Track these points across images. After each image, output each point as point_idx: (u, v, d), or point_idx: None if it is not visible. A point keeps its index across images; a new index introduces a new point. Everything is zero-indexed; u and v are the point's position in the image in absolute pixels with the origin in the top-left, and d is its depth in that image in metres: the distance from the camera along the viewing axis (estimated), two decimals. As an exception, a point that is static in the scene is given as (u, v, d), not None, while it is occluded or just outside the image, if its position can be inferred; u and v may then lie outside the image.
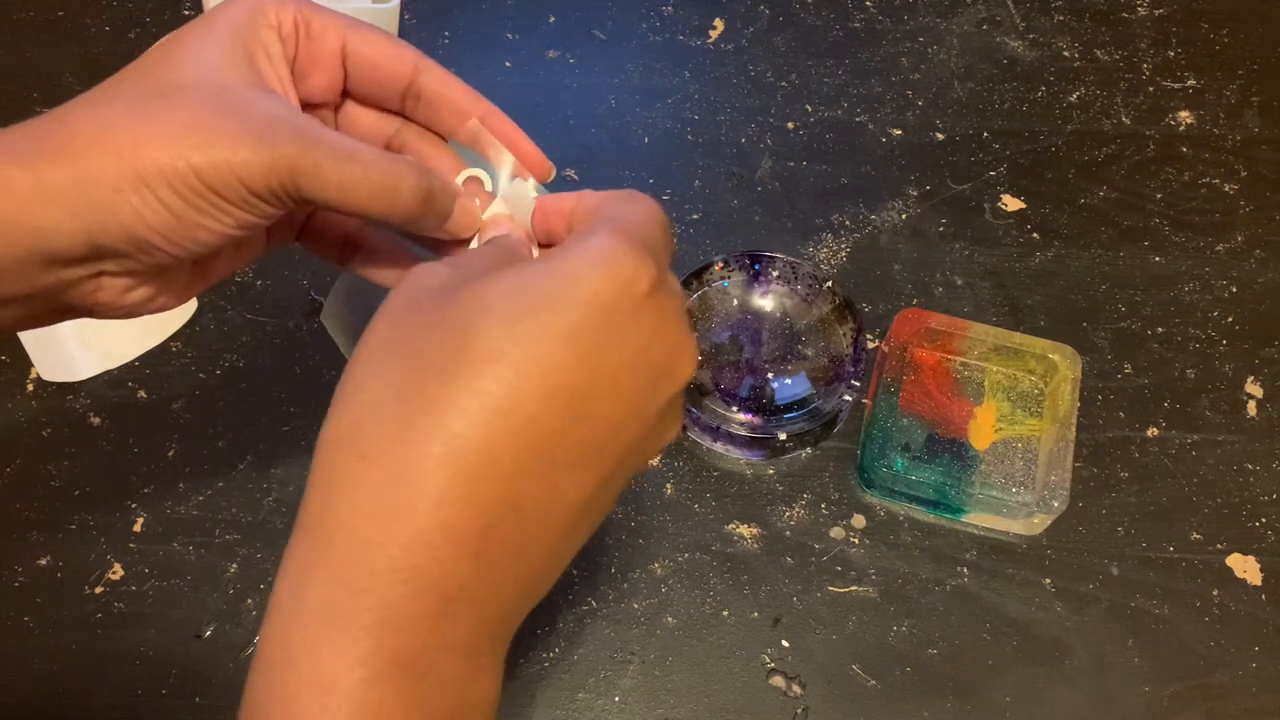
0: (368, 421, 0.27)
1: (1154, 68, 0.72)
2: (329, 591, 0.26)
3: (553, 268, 0.28)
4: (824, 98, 0.70)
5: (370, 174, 0.32)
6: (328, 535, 0.26)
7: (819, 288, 0.59)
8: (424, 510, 0.26)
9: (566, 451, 0.27)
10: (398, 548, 0.25)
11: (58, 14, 0.73)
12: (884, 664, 0.52)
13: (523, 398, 0.26)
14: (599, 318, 0.27)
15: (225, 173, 0.30)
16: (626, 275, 0.28)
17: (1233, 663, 0.52)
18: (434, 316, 0.27)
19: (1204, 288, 0.63)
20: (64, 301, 0.33)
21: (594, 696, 0.51)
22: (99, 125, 0.31)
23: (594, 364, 0.27)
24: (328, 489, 0.27)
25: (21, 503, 0.55)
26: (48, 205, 0.30)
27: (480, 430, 0.26)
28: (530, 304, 0.27)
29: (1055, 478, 0.54)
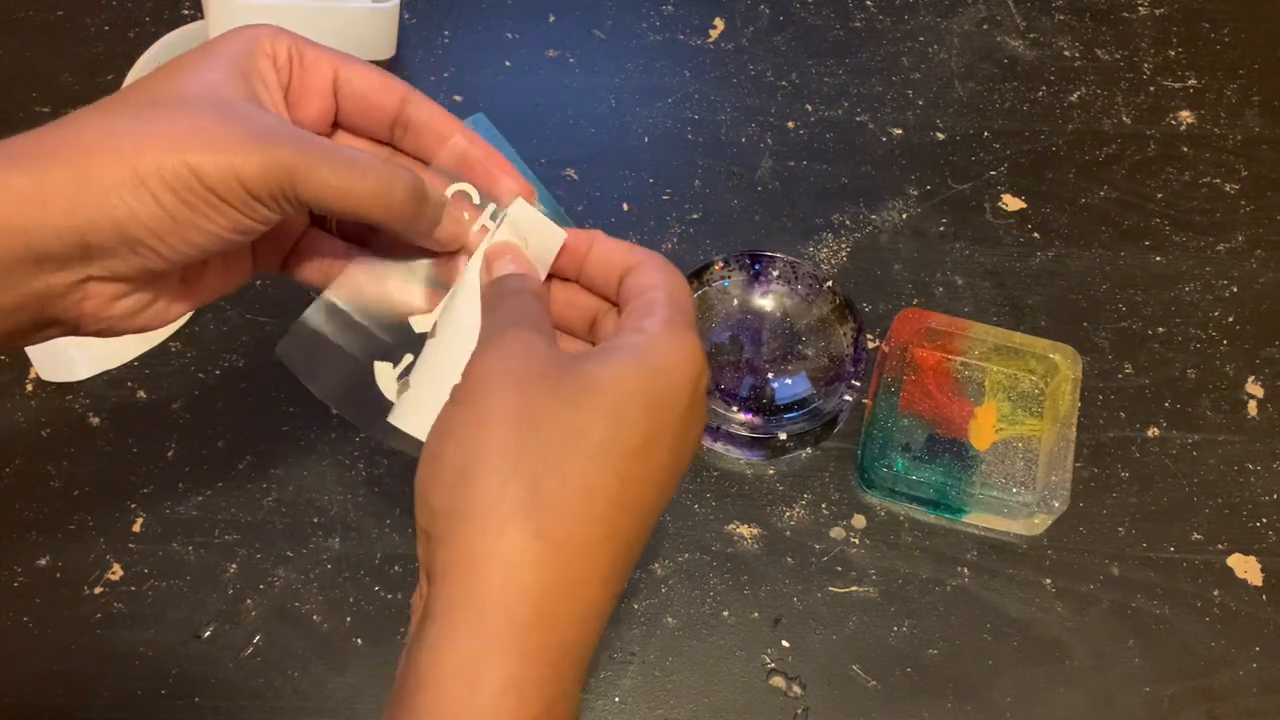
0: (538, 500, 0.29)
1: (1155, 67, 0.72)
2: (516, 667, 0.28)
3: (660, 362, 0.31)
4: (824, 97, 0.70)
5: (366, 174, 0.33)
6: (507, 611, 0.28)
7: (819, 288, 0.59)
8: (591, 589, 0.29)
9: (653, 518, 0.32)
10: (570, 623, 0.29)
11: (58, 14, 0.73)
12: (884, 664, 0.52)
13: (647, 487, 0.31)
14: (687, 412, 0.32)
15: (225, 173, 0.31)
16: (699, 372, 0.32)
17: (1233, 663, 0.52)
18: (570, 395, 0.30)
19: (1205, 288, 0.63)
20: (50, 313, 0.33)
21: (594, 697, 0.51)
22: (100, 129, 0.31)
23: (681, 451, 0.32)
24: (508, 566, 0.28)
25: (21, 503, 0.55)
26: (42, 206, 0.30)
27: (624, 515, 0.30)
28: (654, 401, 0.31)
29: (1056, 478, 0.54)
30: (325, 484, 0.56)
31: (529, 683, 0.27)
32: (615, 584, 0.30)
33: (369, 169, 0.33)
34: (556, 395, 0.30)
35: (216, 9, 0.61)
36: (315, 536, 0.54)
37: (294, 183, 0.32)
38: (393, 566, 0.54)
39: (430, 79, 0.70)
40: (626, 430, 0.30)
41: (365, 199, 0.33)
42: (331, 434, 0.57)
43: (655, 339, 0.32)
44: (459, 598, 0.28)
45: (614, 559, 0.30)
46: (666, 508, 0.34)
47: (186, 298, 0.36)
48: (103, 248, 0.31)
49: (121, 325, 0.35)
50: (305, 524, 0.55)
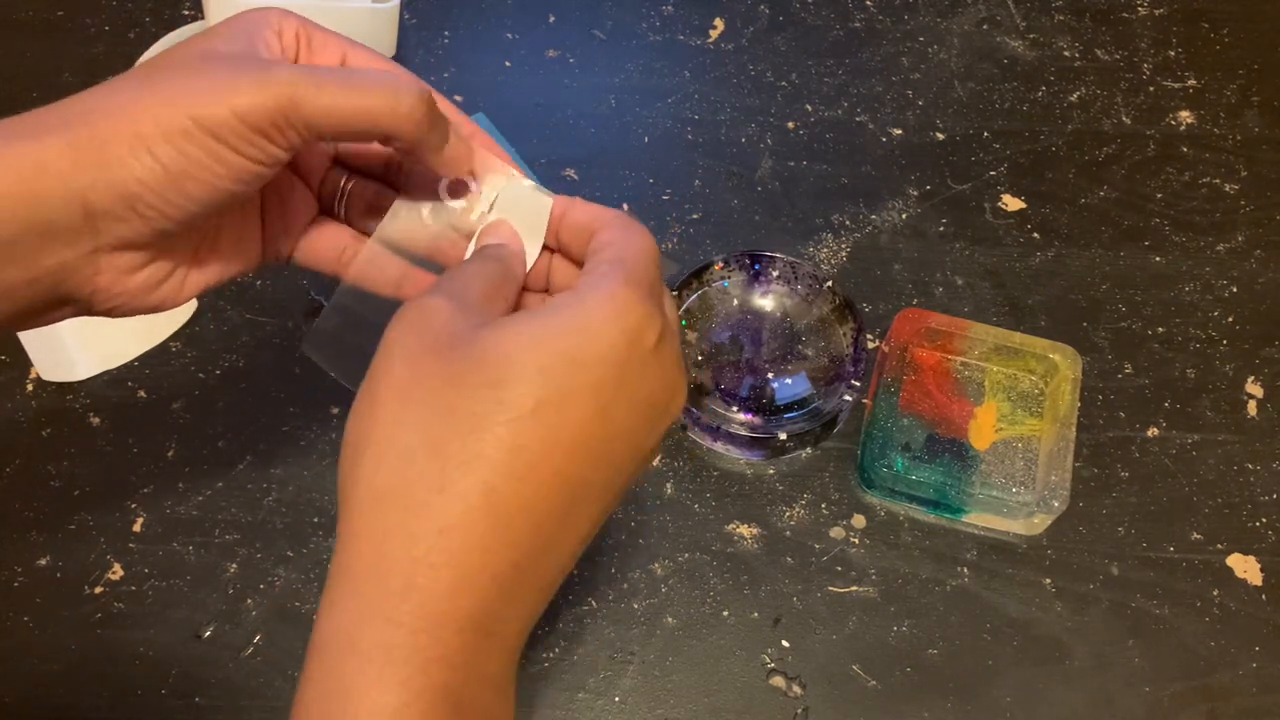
0: (409, 475, 0.29)
1: (1154, 67, 0.72)
2: (385, 632, 0.28)
3: (570, 321, 0.30)
4: (824, 97, 0.70)
5: (372, 86, 0.32)
6: (382, 581, 0.28)
7: (819, 288, 0.59)
8: (469, 557, 0.28)
9: (584, 492, 0.30)
10: (448, 590, 0.28)
11: (57, 14, 0.73)
12: (884, 664, 0.52)
13: (551, 451, 0.29)
14: (616, 372, 0.30)
15: (223, 111, 0.31)
16: (638, 329, 0.30)
17: (1233, 663, 0.52)
18: (458, 366, 0.29)
19: (1204, 288, 0.63)
20: (63, 290, 0.33)
21: (594, 696, 0.51)
22: (96, 97, 0.32)
23: (611, 415, 0.30)
24: (376, 538, 0.29)
25: (21, 503, 0.55)
26: (42, 172, 0.30)
27: (515, 483, 0.29)
28: (554, 362, 0.29)
29: (1055, 478, 0.54)
30: (325, 484, 0.56)
31: (397, 646, 0.27)
32: (513, 553, 0.29)
33: (374, 80, 0.33)
34: (441, 368, 0.29)
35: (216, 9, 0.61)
36: (315, 536, 0.54)
37: (298, 106, 0.31)
38: (393, 566, 0.53)
39: (430, 79, 0.70)
40: (513, 397, 0.29)
41: (375, 109, 0.32)
42: (332, 434, 0.57)
43: (576, 296, 0.31)
44: (340, 568, 0.29)
45: (506, 527, 0.29)
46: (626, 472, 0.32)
47: (200, 274, 0.36)
48: (105, 211, 0.31)
49: (136, 303, 0.35)
50: (305, 524, 0.55)
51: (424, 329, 0.31)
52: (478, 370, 0.29)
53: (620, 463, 0.31)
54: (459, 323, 0.31)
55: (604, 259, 0.33)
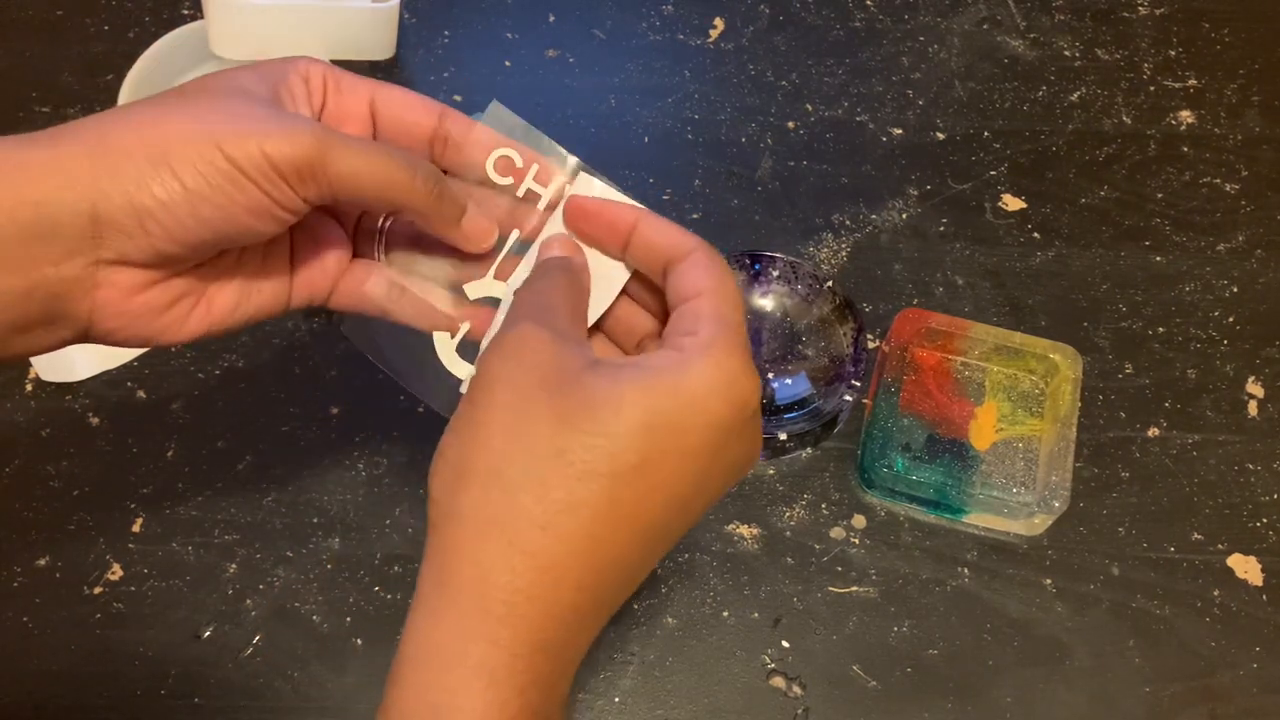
0: (514, 510, 0.30)
1: (1155, 67, 0.72)
2: (490, 654, 0.29)
3: (681, 386, 0.31)
4: (824, 97, 0.70)
5: (389, 157, 0.34)
6: (483, 604, 0.30)
7: (819, 288, 0.59)
8: (564, 596, 0.30)
9: (665, 539, 0.33)
10: (545, 623, 0.30)
11: (57, 14, 0.73)
12: (884, 664, 0.52)
13: (647, 507, 0.31)
14: (717, 439, 0.32)
15: (252, 148, 0.31)
16: (744, 401, 0.32)
17: (1234, 663, 0.52)
18: (567, 408, 0.30)
19: (1205, 287, 0.63)
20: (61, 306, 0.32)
21: (594, 697, 0.51)
22: (124, 114, 0.32)
23: (703, 476, 0.32)
24: (478, 563, 0.30)
25: (21, 503, 0.55)
26: (55, 174, 0.31)
27: (611, 532, 0.30)
28: (661, 424, 0.30)
29: (1056, 478, 0.54)
30: (325, 484, 0.56)
31: (499, 668, 0.29)
32: (599, 592, 0.31)
33: (392, 153, 0.34)
34: (551, 408, 0.30)
35: (216, 9, 0.61)
36: (315, 536, 0.54)
37: (322, 161, 0.32)
38: (393, 566, 0.54)
39: (430, 79, 0.70)
40: (619, 450, 0.30)
41: (388, 179, 0.34)
42: (331, 434, 0.57)
43: (686, 362, 0.31)
44: (436, 587, 0.31)
45: (598, 570, 0.30)
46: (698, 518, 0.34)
47: (208, 311, 0.36)
48: (113, 221, 0.31)
49: (135, 327, 0.34)
50: (305, 524, 0.55)
51: (529, 362, 0.31)
52: (587, 418, 0.30)
53: (698, 512, 0.33)
54: (563, 357, 0.32)
55: (706, 312, 0.33)
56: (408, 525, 0.55)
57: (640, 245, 0.36)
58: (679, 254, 0.35)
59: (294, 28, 0.63)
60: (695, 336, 0.32)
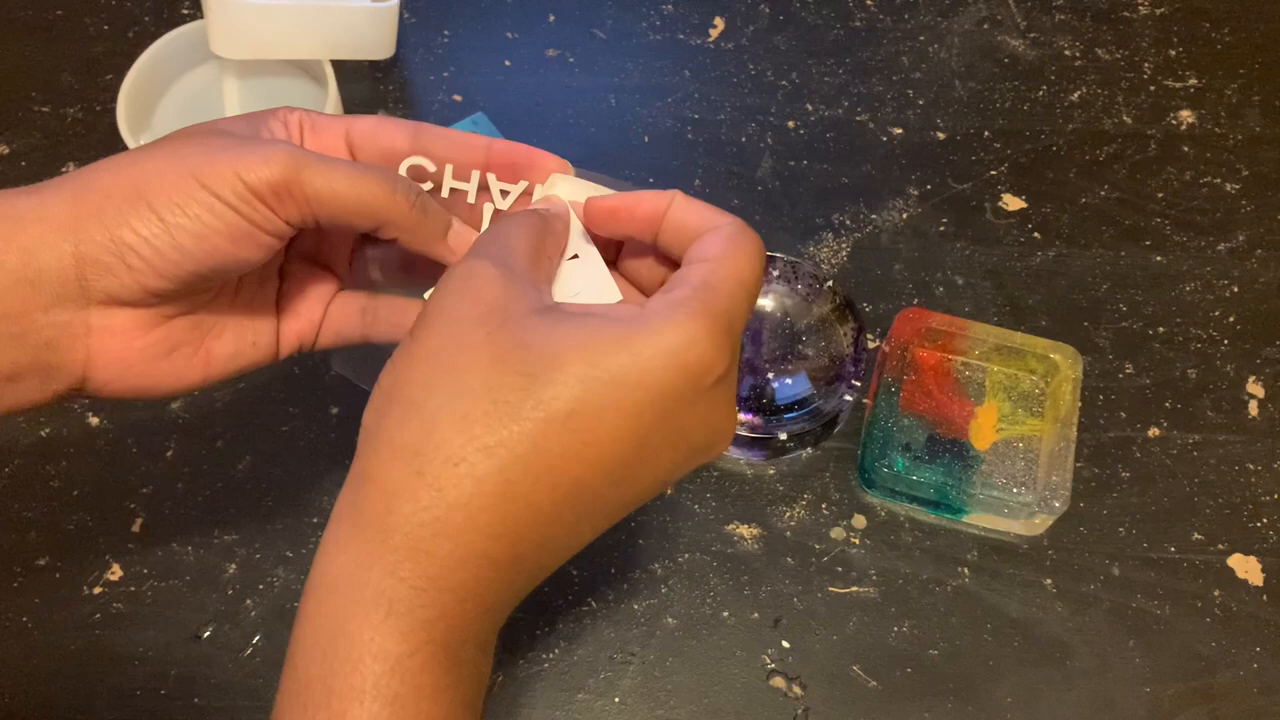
0: (430, 442, 0.29)
1: (1155, 67, 0.72)
2: (389, 585, 0.28)
3: (628, 340, 0.29)
4: (824, 97, 0.70)
5: (368, 175, 0.34)
6: (386, 534, 0.29)
7: (819, 287, 0.59)
8: (473, 540, 0.29)
9: (598, 506, 0.30)
10: (450, 562, 0.29)
11: (57, 14, 0.73)
12: (885, 665, 0.52)
13: (573, 462, 0.29)
14: (661, 403, 0.29)
15: (227, 173, 0.31)
16: (697, 368, 0.29)
17: (1234, 663, 0.52)
18: (502, 347, 0.29)
19: (1205, 287, 0.63)
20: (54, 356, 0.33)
21: (594, 697, 0.51)
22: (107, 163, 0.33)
23: (644, 442, 0.30)
24: (387, 494, 0.29)
25: (20, 503, 0.55)
26: (39, 221, 0.31)
27: (531, 482, 0.29)
28: (598, 375, 0.28)
29: (1056, 478, 0.54)
30: (325, 484, 0.56)
31: (399, 600, 0.28)
32: (516, 545, 0.29)
33: (369, 170, 0.34)
34: (487, 344, 0.29)
35: (216, 9, 0.61)
36: (315, 536, 0.54)
37: (300, 180, 0.32)
38: (392, 567, 0.53)
39: (430, 79, 0.70)
40: (548, 397, 0.28)
41: (368, 195, 0.33)
42: (331, 434, 0.57)
43: (644, 317, 0.29)
44: (347, 510, 0.30)
45: (513, 519, 0.29)
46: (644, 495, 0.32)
47: (207, 358, 0.36)
48: (94, 260, 0.32)
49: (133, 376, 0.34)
50: (305, 524, 0.55)
51: (474, 297, 0.30)
52: (521, 359, 0.29)
53: (641, 487, 0.31)
54: (511, 297, 0.30)
55: (693, 276, 0.31)
56: (408, 525, 0.55)
57: (671, 230, 0.34)
58: (709, 228, 0.33)
59: (294, 28, 0.63)
60: (667, 295, 0.30)
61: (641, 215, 0.35)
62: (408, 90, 0.70)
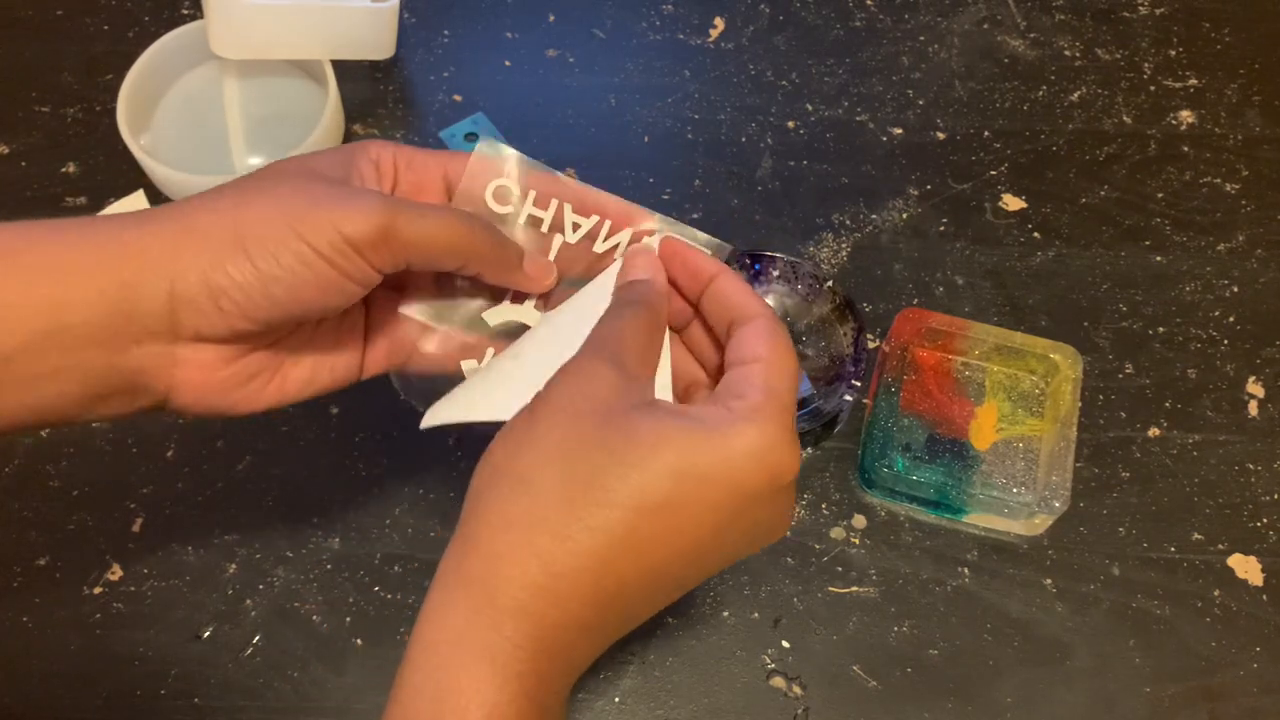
0: (537, 516, 0.31)
1: (1155, 67, 0.72)
2: (493, 640, 0.31)
3: (719, 444, 0.32)
4: (824, 97, 0.70)
5: (452, 221, 0.36)
6: (491, 595, 0.31)
7: (819, 287, 0.59)
8: (571, 608, 0.31)
9: (673, 584, 0.34)
10: (547, 624, 0.31)
11: (57, 14, 0.73)
12: (885, 664, 0.52)
13: (660, 547, 0.32)
14: (742, 501, 0.33)
15: (326, 227, 0.33)
16: (777, 472, 0.33)
17: (1234, 663, 0.52)
18: (610, 437, 0.32)
19: (1205, 287, 0.63)
20: (142, 381, 0.34)
21: (594, 697, 0.51)
22: (206, 199, 0.35)
23: (722, 533, 0.33)
24: (494, 558, 0.32)
25: (20, 503, 0.55)
26: (140, 255, 0.33)
27: (623, 561, 0.32)
28: (690, 472, 0.32)
29: (1056, 478, 0.54)
30: (325, 484, 0.56)
31: (500, 654, 0.31)
32: (602, 613, 0.32)
33: (453, 216, 0.36)
34: (596, 433, 0.32)
35: (216, 9, 0.61)
36: (314, 537, 0.54)
37: (395, 230, 0.34)
38: (393, 566, 0.54)
39: (430, 79, 0.70)
40: (646, 485, 0.31)
41: (456, 241, 0.36)
42: (331, 434, 0.57)
43: (730, 422, 0.32)
44: (452, 570, 0.32)
45: (605, 592, 0.32)
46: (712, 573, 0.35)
47: (282, 384, 0.38)
48: (189, 300, 0.33)
49: (211, 401, 0.36)
50: (304, 524, 0.55)
51: (587, 391, 0.33)
52: (625, 448, 0.32)
53: (712, 568, 0.35)
54: (620, 395, 0.33)
55: (758, 379, 0.34)
56: (407, 525, 0.55)
57: (713, 298, 0.38)
58: (745, 316, 0.36)
59: (294, 28, 0.63)
60: (744, 400, 0.33)
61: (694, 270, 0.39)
62: (408, 90, 0.70)
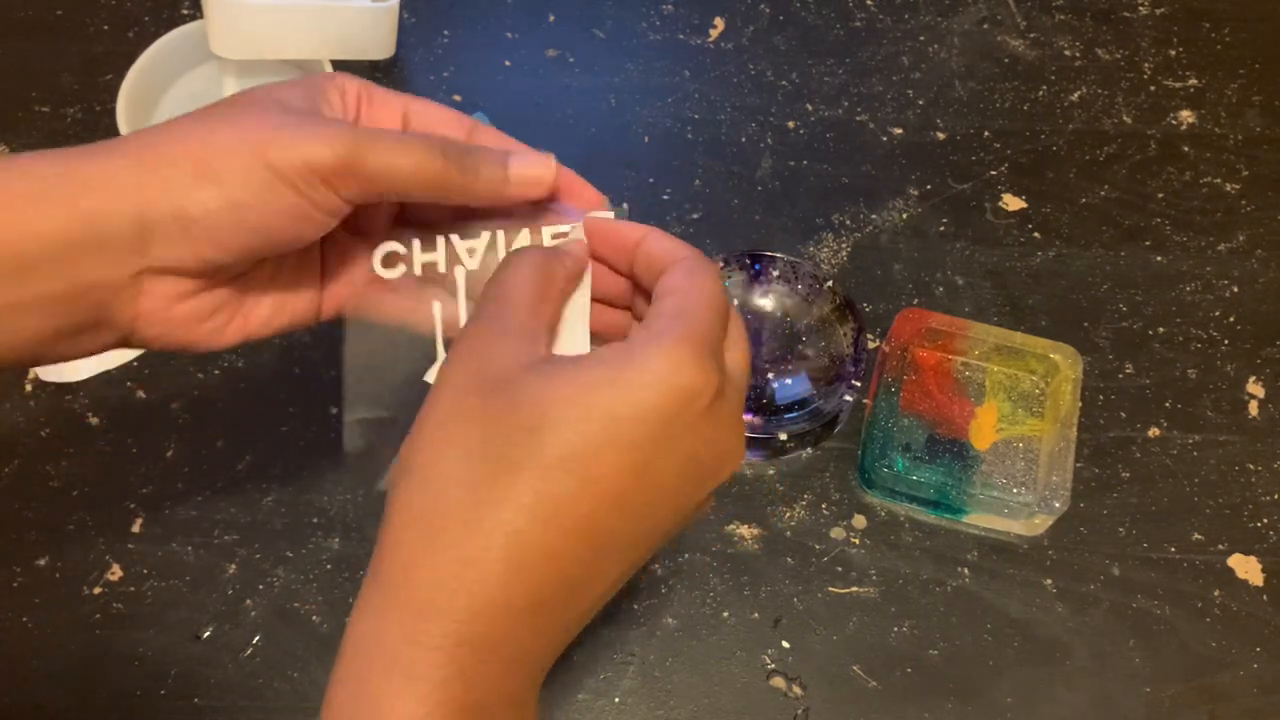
0: (440, 505, 0.30)
1: (1155, 67, 0.72)
2: (404, 646, 0.29)
3: (617, 376, 0.30)
4: (824, 97, 0.70)
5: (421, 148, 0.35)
6: (404, 598, 0.30)
7: (819, 287, 0.59)
8: (487, 590, 0.29)
9: (613, 541, 0.31)
10: (465, 617, 0.29)
11: (57, 14, 0.73)
12: (885, 665, 0.52)
13: (579, 501, 0.30)
14: (657, 430, 0.30)
15: (292, 155, 0.32)
16: (688, 391, 0.30)
17: (1234, 663, 0.52)
18: (497, 406, 0.30)
19: (1205, 287, 0.63)
20: (104, 313, 0.33)
21: (594, 697, 0.51)
22: (168, 128, 0.34)
23: (648, 471, 0.30)
24: (403, 559, 0.30)
25: (20, 503, 0.55)
26: (104, 186, 0.32)
27: (540, 527, 0.29)
28: (589, 414, 0.30)
29: (1056, 478, 0.54)
30: (325, 484, 0.56)
31: (416, 663, 0.29)
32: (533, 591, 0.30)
33: (422, 144, 0.35)
34: (483, 407, 0.31)
35: (216, 9, 0.61)
36: (314, 537, 0.54)
37: (360, 158, 0.33)
38: (392, 567, 0.53)
39: (430, 78, 0.70)
40: (545, 444, 0.29)
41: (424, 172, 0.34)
42: (331, 434, 0.57)
43: (628, 352, 0.31)
44: (370, 578, 0.31)
45: (526, 566, 0.30)
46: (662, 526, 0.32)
47: (246, 319, 0.37)
48: (159, 230, 0.32)
49: (176, 335, 0.35)
50: (304, 524, 0.55)
51: (472, 365, 0.32)
52: (515, 413, 0.30)
53: (656, 517, 0.32)
54: (504, 356, 0.32)
55: (665, 310, 0.32)
56: (408, 525, 0.55)
57: (642, 260, 0.36)
58: (670, 262, 0.34)
59: (294, 28, 0.63)
60: (646, 330, 0.31)
61: (618, 240, 0.37)
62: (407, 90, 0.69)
